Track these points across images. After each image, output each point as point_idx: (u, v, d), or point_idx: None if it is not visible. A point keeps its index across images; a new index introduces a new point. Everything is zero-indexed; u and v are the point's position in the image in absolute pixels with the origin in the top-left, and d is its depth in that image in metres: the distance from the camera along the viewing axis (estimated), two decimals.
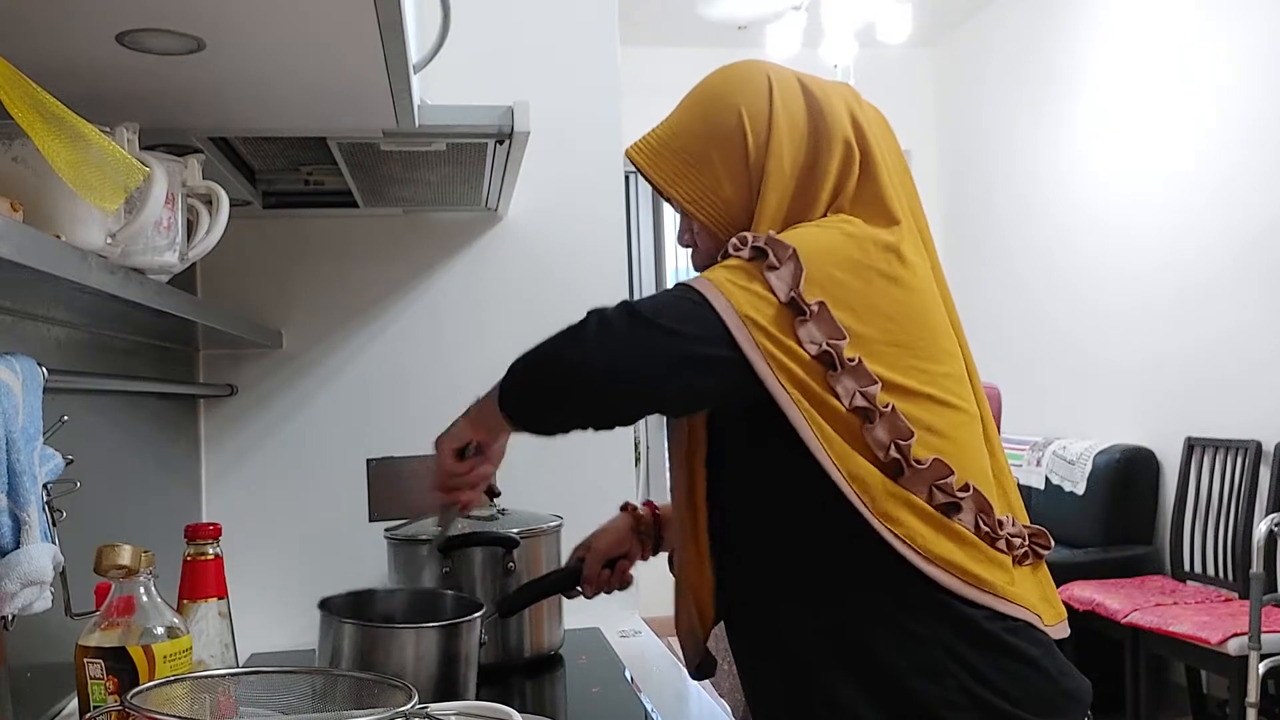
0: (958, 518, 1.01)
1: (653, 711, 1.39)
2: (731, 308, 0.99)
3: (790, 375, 0.98)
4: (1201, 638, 3.31)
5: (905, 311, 1.04)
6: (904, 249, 1.07)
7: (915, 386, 1.02)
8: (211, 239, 1.28)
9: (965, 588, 1.00)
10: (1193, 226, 4.12)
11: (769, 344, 0.98)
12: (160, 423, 1.77)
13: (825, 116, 1.10)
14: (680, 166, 1.13)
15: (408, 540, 1.67)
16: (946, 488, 1.00)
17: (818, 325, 0.99)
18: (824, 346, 0.98)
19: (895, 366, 1.01)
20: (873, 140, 1.11)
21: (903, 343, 1.03)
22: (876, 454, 0.99)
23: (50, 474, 0.99)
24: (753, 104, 1.11)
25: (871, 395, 0.99)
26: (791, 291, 0.99)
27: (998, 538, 1.03)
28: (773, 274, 1.00)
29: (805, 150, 1.09)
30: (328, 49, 1.10)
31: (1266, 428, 3.75)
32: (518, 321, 2.04)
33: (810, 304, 0.99)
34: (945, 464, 1.00)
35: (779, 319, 0.99)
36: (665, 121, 1.17)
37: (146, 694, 0.93)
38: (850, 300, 1.01)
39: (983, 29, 5.56)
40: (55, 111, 0.85)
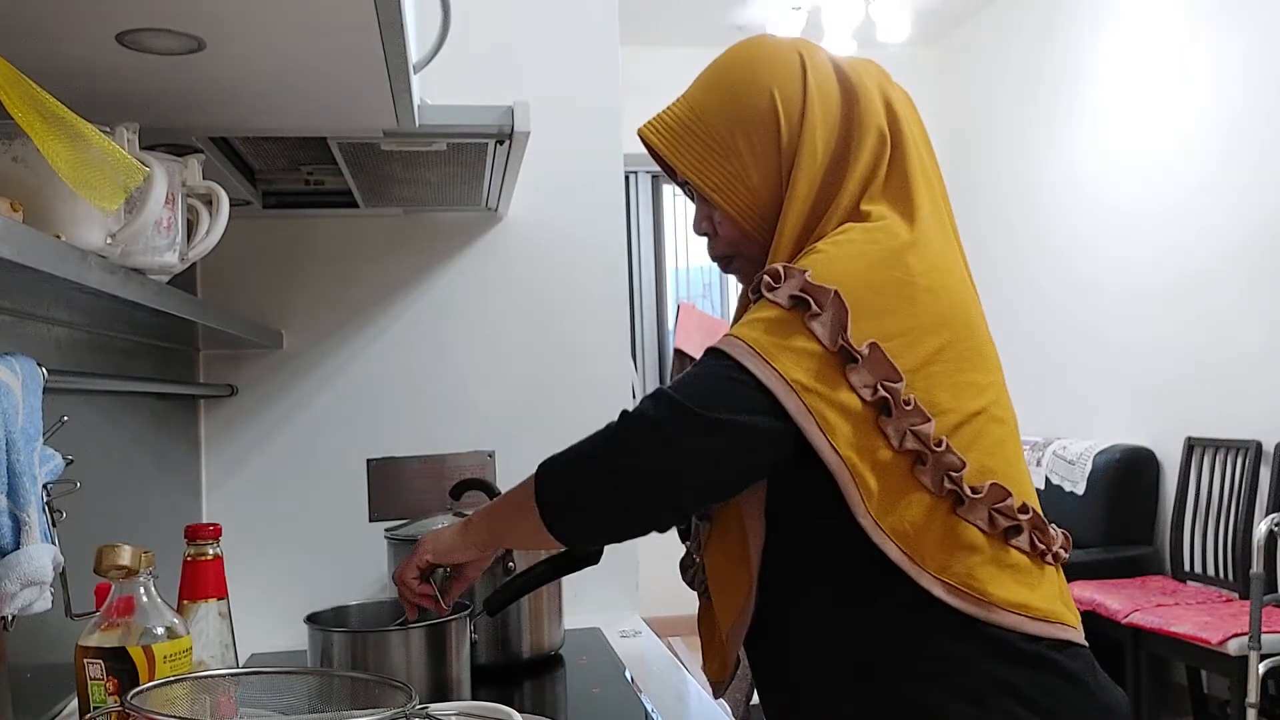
0: (1016, 540, 0.97)
1: (653, 711, 1.39)
2: (778, 376, 0.92)
3: (844, 437, 0.92)
4: (1202, 638, 3.31)
5: (951, 321, 0.98)
6: (934, 246, 1.01)
7: (968, 408, 0.97)
8: (211, 239, 1.28)
9: (1027, 622, 0.95)
10: (1193, 226, 4.12)
11: (821, 405, 0.92)
12: (160, 423, 1.77)
13: (860, 101, 1.03)
14: (704, 151, 1.05)
15: (408, 540, 1.66)
16: (1007, 511, 0.96)
17: (870, 369, 0.93)
18: (879, 391, 0.93)
19: (948, 388, 0.96)
20: (905, 125, 1.05)
21: (951, 356, 0.97)
22: (930, 489, 0.94)
23: (50, 474, 0.99)
24: (786, 85, 1.04)
25: (925, 435, 0.93)
26: (839, 339, 0.93)
27: (1048, 553, 0.99)
28: (815, 322, 0.93)
29: (838, 137, 1.03)
30: (328, 49, 1.10)
31: (1266, 428, 3.75)
32: (518, 321, 2.05)
33: (861, 349, 0.93)
34: (1003, 487, 0.96)
35: (826, 370, 0.93)
36: (683, 100, 1.09)
37: (146, 694, 0.93)
38: (900, 328, 0.95)
39: (983, 29, 5.56)
40: (55, 111, 0.85)
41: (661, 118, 1.09)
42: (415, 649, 1.34)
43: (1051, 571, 1.01)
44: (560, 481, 1.00)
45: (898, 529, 0.94)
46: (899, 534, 0.94)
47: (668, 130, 1.08)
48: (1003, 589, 0.95)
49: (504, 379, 2.03)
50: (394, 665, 1.31)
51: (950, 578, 0.94)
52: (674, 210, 6.28)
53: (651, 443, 0.94)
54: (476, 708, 1.24)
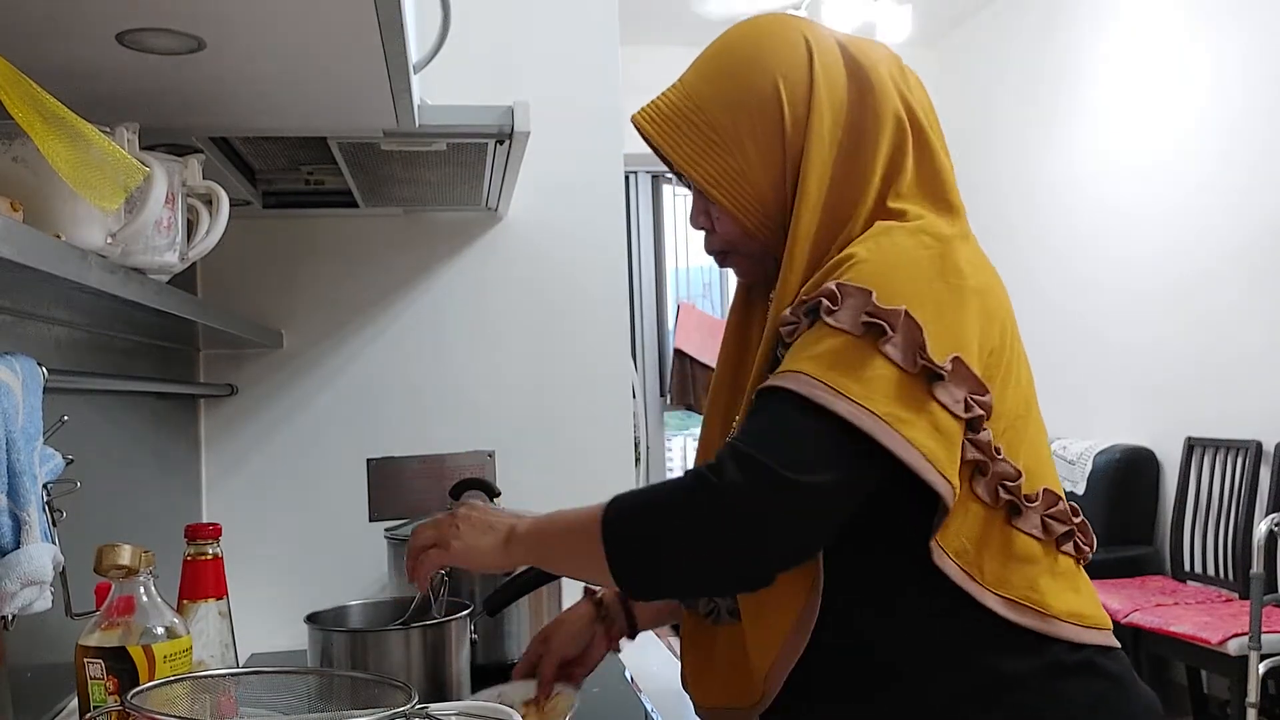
0: (1065, 548, 0.94)
1: (653, 711, 1.39)
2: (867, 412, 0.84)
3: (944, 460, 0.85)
4: (1202, 638, 3.31)
5: (1000, 323, 0.93)
6: (973, 241, 0.96)
7: (1015, 411, 0.93)
8: (211, 239, 1.28)
9: (1082, 631, 0.92)
10: (1193, 226, 4.12)
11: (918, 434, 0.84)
12: (160, 423, 1.77)
13: (873, 87, 0.96)
14: (702, 143, 0.98)
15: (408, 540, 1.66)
16: (1061, 516, 0.93)
17: (957, 383, 0.86)
18: (970, 405, 0.87)
19: (999, 392, 0.91)
20: (923, 112, 0.98)
21: (1002, 359, 0.92)
22: (986, 501, 0.90)
23: (50, 474, 0.99)
24: (791, 71, 0.96)
25: (985, 444, 0.88)
26: (920, 358, 0.86)
27: (1086, 554, 0.97)
28: (889, 345, 0.86)
29: (848, 127, 0.95)
30: (328, 49, 1.10)
31: (1266, 428, 3.75)
32: (518, 321, 2.05)
33: (944, 365, 0.86)
34: (1053, 493, 0.93)
35: (911, 394, 0.85)
36: (680, 85, 1.01)
37: (146, 694, 0.93)
38: (967, 336, 0.89)
39: (983, 29, 5.56)
40: (55, 111, 0.85)
41: (657, 105, 1.01)
42: (415, 649, 1.34)
43: (1086, 575, 0.98)
44: (635, 534, 0.91)
45: (957, 547, 0.89)
46: (958, 552, 0.89)
47: (664, 119, 1.00)
48: (1059, 599, 0.92)
49: (504, 379, 2.03)
50: (394, 665, 1.31)
51: (1010, 592, 0.90)
52: (674, 210, 6.27)
53: (739, 513, 0.85)
54: (476, 708, 1.24)
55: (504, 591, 1.48)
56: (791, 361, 0.89)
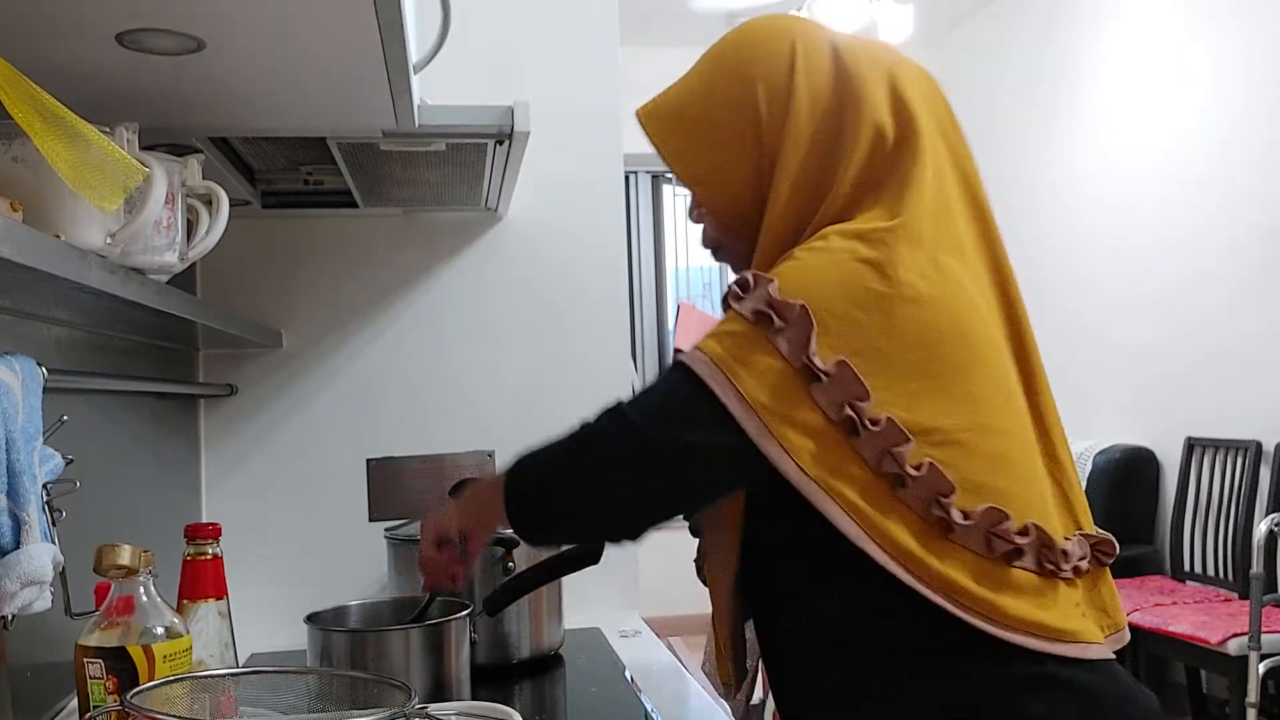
0: (1019, 562, 0.90)
1: (653, 711, 1.39)
2: (737, 395, 0.88)
3: (811, 456, 0.87)
4: (1201, 638, 3.31)
5: (936, 331, 0.91)
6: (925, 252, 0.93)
7: (960, 424, 0.90)
8: (211, 239, 1.28)
9: (1040, 642, 0.89)
10: (1193, 225, 4.12)
11: (783, 427, 0.87)
12: (160, 423, 1.77)
13: (855, 96, 0.97)
14: (687, 139, 1.02)
15: (408, 540, 1.66)
16: (1004, 534, 0.89)
17: (837, 386, 0.88)
18: (846, 410, 0.87)
19: (933, 405, 0.90)
20: (919, 116, 0.98)
21: (935, 371, 0.90)
22: (917, 513, 0.88)
23: (50, 474, 0.99)
24: (771, 75, 0.98)
25: (902, 456, 0.87)
26: (803, 355, 0.88)
27: (1062, 571, 0.93)
28: (779, 337, 0.89)
29: (827, 131, 0.97)
30: (328, 49, 1.10)
31: (1266, 428, 3.75)
32: (518, 321, 2.05)
33: (826, 367, 0.88)
34: (999, 510, 0.89)
35: (789, 388, 0.88)
36: (677, 84, 1.05)
37: (146, 694, 0.93)
38: (874, 343, 0.89)
39: (983, 29, 5.56)
40: (55, 111, 0.85)
41: (656, 101, 1.06)
42: (415, 649, 1.34)
43: (1064, 588, 0.94)
44: (525, 485, 1.00)
45: (895, 544, 0.88)
46: (897, 549, 0.88)
47: (659, 115, 1.04)
48: (1011, 606, 0.89)
49: (504, 379, 2.03)
50: (394, 665, 1.31)
51: (956, 592, 0.88)
52: (674, 210, 6.27)
53: (606, 463, 0.93)
54: (476, 708, 1.24)
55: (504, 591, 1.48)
56: (700, 341, 0.94)
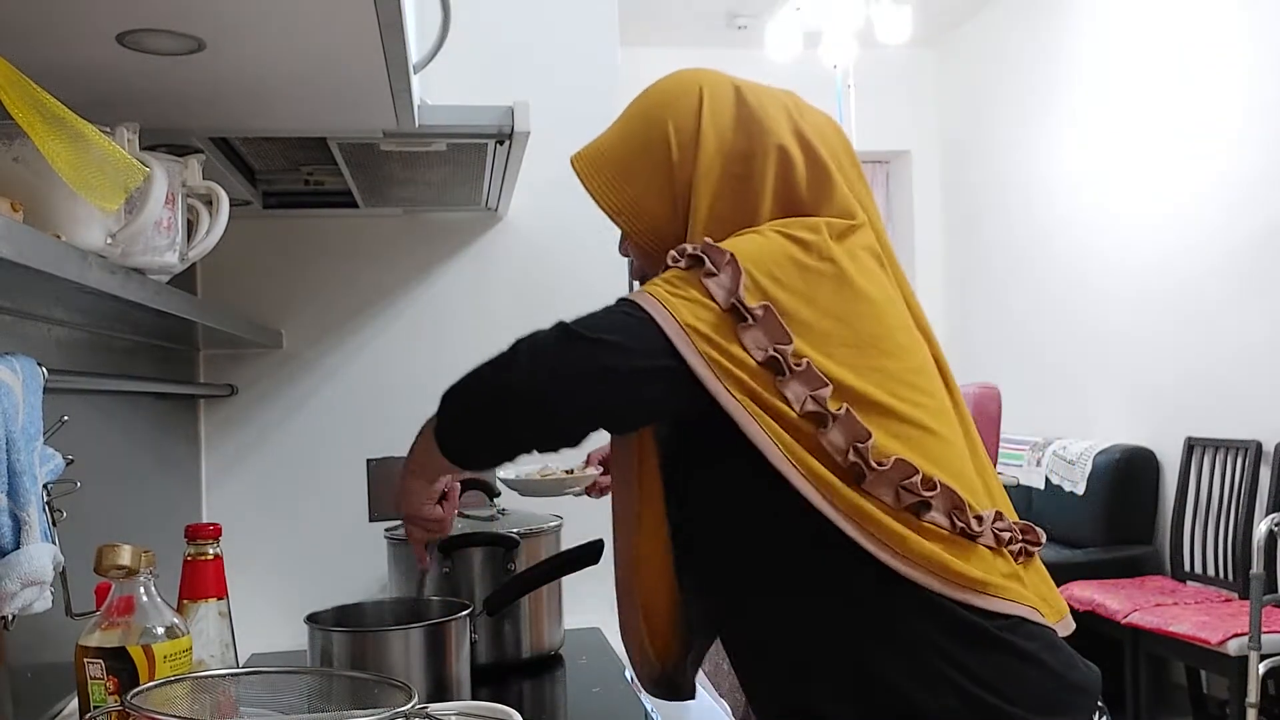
0: (928, 516, 0.97)
1: (653, 711, 1.39)
2: (671, 317, 0.96)
3: (737, 382, 0.95)
4: (1201, 638, 3.31)
5: (855, 310, 1.01)
6: (853, 244, 1.04)
7: (870, 386, 0.98)
8: (211, 239, 1.28)
9: (949, 587, 0.96)
10: (1193, 226, 4.12)
11: (712, 351, 0.95)
12: (160, 423, 1.77)
13: (759, 125, 1.08)
14: (609, 177, 1.15)
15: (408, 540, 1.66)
16: (912, 487, 0.96)
17: (762, 330, 0.96)
18: (770, 351, 0.96)
19: (848, 366, 0.98)
20: (820, 145, 1.09)
21: (854, 342, 1.00)
22: (835, 459, 0.95)
23: (50, 474, 0.99)
24: (680, 118, 1.10)
25: (823, 398, 0.95)
26: (732, 297, 0.97)
27: (977, 534, 0.99)
28: (711, 280, 0.98)
29: (736, 162, 1.08)
30: (328, 49, 1.10)
31: (1266, 428, 3.75)
32: (517, 321, 2.02)
33: (753, 308, 0.96)
34: (908, 463, 0.96)
35: (721, 326, 0.96)
36: (607, 131, 1.18)
37: (146, 694, 0.93)
38: (795, 302, 0.98)
39: (983, 29, 5.56)
40: (55, 111, 0.85)
41: (588, 147, 1.19)
42: (415, 649, 1.34)
43: (986, 552, 1.00)
44: (449, 399, 1.05)
45: (813, 473, 0.95)
46: (815, 476, 0.95)
47: (589, 157, 1.17)
48: (919, 545, 0.95)
49: None
50: (394, 665, 1.32)
51: (866, 521, 0.95)
52: None
53: (529, 356, 0.99)
54: (476, 708, 1.24)
55: (504, 591, 1.48)
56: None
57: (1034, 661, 0.98)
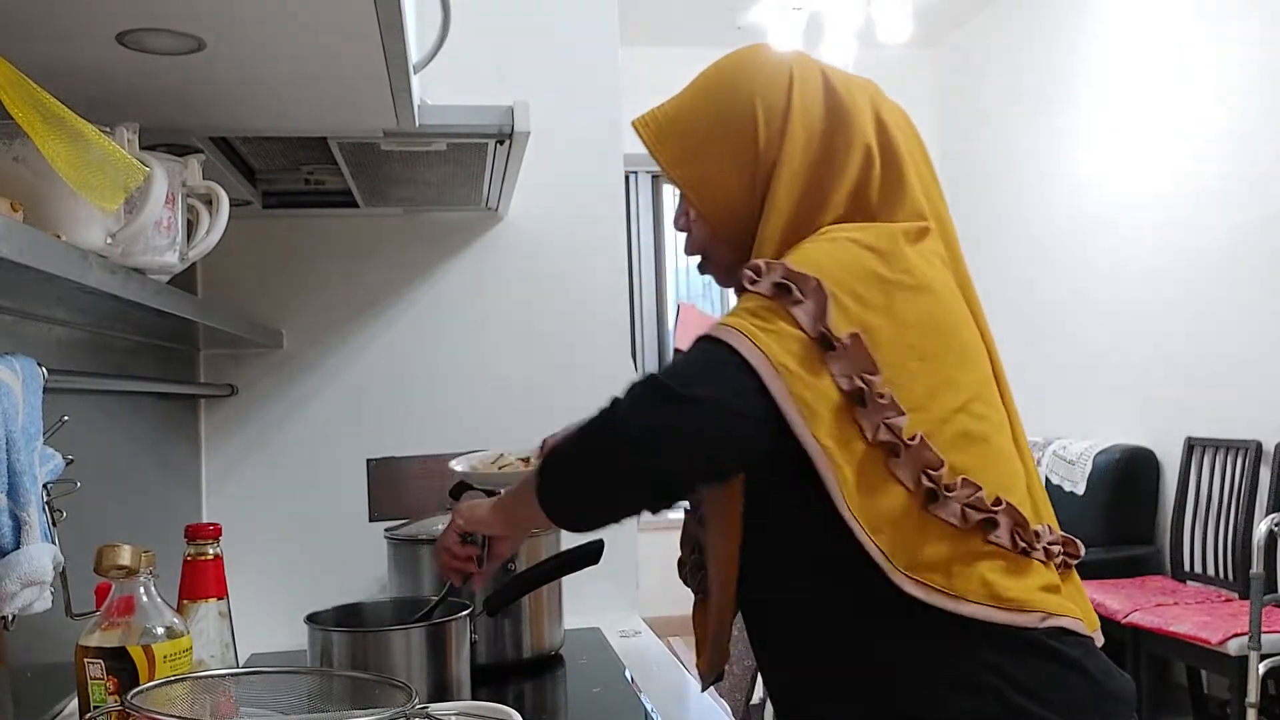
0: (994, 535, 0.97)
1: (653, 711, 1.39)
2: (765, 358, 0.93)
3: (823, 424, 0.93)
4: (1202, 638, 3.31)
5: (932, 319, 1.00)
6: (925, 249, 1.03)
7: (946, 406, 0.98)
8: (211, 239, 1.28)
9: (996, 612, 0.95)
10: (1193, 226, 4.12)
11: (805, 392, 0.93)
12: (160, 423, 1.77)
13: (847, 116, 1.06)
14: (685, 149, 1.09)
15: (408, 540, 1.67)
16: (979, 504, 0.96)
17: (850, 359, 0.94)
18: (856, 381, 0.94)
19: (925, 386, 0.97)
20: (899, 142, 1.07)
21: (931, 353, 0.99)
22: (906, 484, 0.95)
23: (50, 474, 0.99)
24: (769, 97, 1.06)
25: (898, 428, 0.94)
26: (819, 325, 0.94)
27: (1034, 549, 0.99)
28: (798, 309, 0.95)
29: (820, 150, 1.05)
30: (328, 49, 1.10)
31: (1266, 428, 3.75)
32: (518, 321, 2.05)
33: (841, 337, 0.94)
34: (973, 482, 0.96)
35: (808, 356, 0.94)
36: (676, 98, 1.12)
37: (146, 694, 0.93)
38: (878, 319, 0.96)
39: (983, 29, 5.56)
40: (55, 111, 0.85)
41: (653, 112, 1.12)
42: (415, 649, 1.34)
43: (1039, 566, 1.00)
44: (554, 466, 1.02)
45: (872, 522, 0.94)
46: (873, 527, 0.94)
47: (656, 125, 1.11)
48: (970, 582, 0.95)
49: (504, 379, 2.03)
50: (394, 665, 1.32)
51: (917, 572, 0.94)
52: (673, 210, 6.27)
53: (632, 421, 0.95)
54: (476, 708, 1.24)
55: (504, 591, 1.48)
56: (721, 319, 0.99)
57: (1077, 669, 0.98)
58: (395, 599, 1.56)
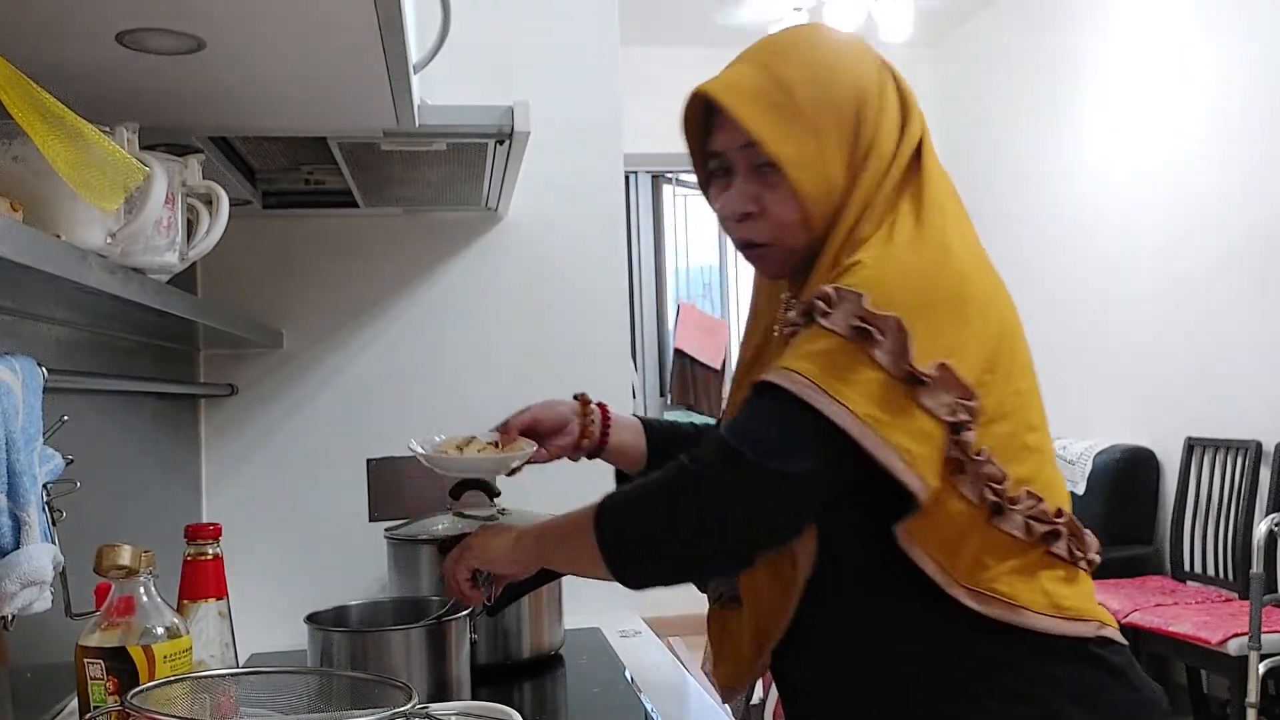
0: (1057, 546, 0.96)
1: (653, 711, 1.39)
2: (848, 412, 0.89)
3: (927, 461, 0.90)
4: (1202, 638, 3.31)
5: (999, 331, 0.97)
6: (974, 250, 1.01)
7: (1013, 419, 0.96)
8: (211, 239, 1.28)
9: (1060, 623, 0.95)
10: (1193, 226, 4.12)
11: (900, 438, 0.89)
12: (160, 423, 1.77)
13: (912, 109, 1.04)
14: (788, 123, 0.99)
15: (408, 540, 1.67)
16: (1042, 516, 0.96)
17: (942, 388, 0.91)
18: (959, 413, 0.91)
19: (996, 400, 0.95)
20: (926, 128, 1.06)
21: (1001, 366, 0.96)
22: (969, 498, 0.93)
23: (50, 474, 0.99)
24: (868, 83, 1.02)
25: (966, 444, 0.92)
26: (904, 365, 0.90)
27: (1083, 559, 0.99)
28: (877, 350, 0.90)
29: (896, 141, 1.02)
30: (328, 49, 1.10)
31: (1266, 428, 3.75)
32: (518, 321, 2.04)
33: (929, 371, 0.90)
34: (1036, 494, 0.96)
35: (894, 398, 0.90)
36: (755, 69, 1.02)
37: (146, 694, 0.93)
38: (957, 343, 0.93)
39: (983, 29, 5.56)
40: (55, 111, 0.85)
41: (733, 83, 1.02)
42: (415, 649, 1.34)
43: (1084, 575, 1.00)
44: (624, 526, 0.98)
45: (935, 538, 0.93)
46: (935, 544, 0.93)
47: (748, 95, 1.01)
48: (1033, 593, 0.95)
49: (503, 379, 2.03)
50: (394, 665, 1.31)
51: (979, 585, 0.93)
52: (674, 210, 6.27)
53: (716, 500, 0.92)
54: (476, 708, 1.24)
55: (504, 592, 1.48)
56: (786, 359, 0.94)
57: (1120, 677, 0.98)
58: (395, 599, 1.56)
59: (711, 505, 0.93)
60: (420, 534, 1.66)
